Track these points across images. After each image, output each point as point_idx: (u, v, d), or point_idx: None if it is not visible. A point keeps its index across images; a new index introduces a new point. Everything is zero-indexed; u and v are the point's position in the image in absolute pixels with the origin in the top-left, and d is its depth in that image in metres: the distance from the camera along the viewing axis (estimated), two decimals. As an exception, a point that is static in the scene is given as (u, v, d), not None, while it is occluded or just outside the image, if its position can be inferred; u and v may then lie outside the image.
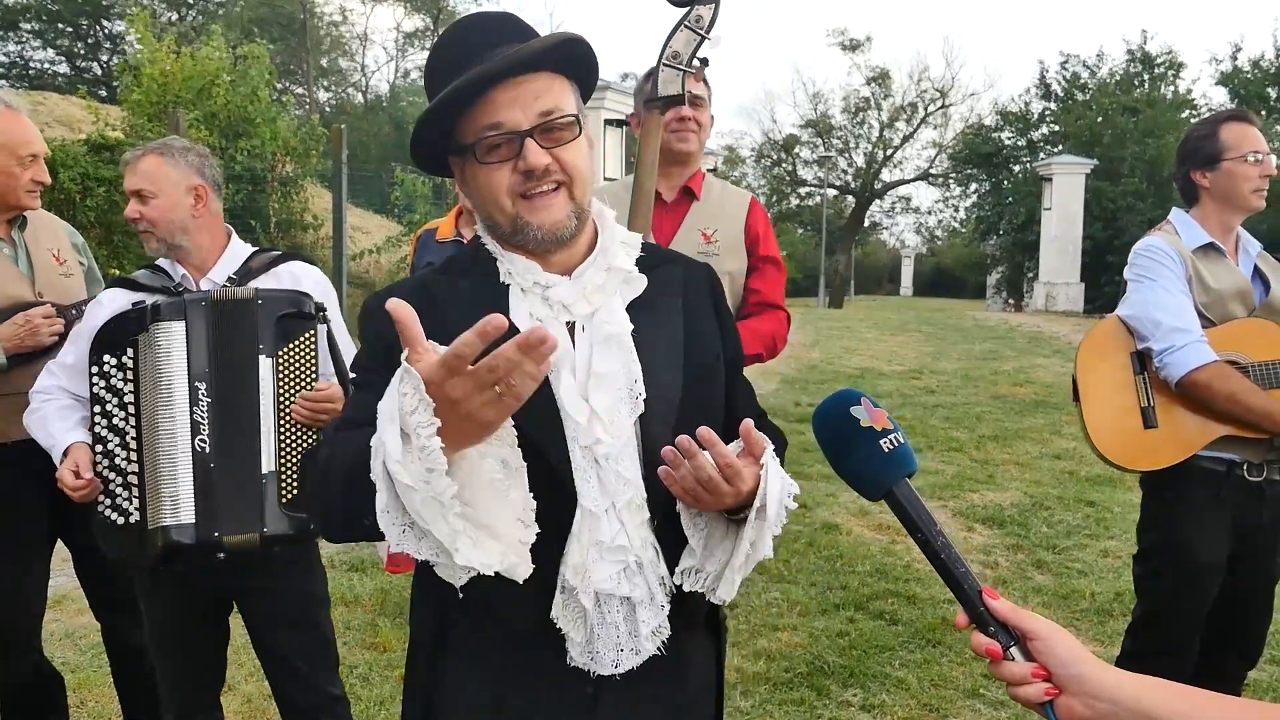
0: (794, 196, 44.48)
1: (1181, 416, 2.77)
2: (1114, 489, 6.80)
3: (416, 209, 14.04)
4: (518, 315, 1.43)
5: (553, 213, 1.43)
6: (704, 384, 1.52)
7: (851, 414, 1.18)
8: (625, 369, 1.43)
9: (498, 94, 1.39)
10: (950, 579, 1.15)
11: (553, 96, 1.42)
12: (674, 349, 1.49)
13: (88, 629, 4.23)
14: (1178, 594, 2.88)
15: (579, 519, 1.38)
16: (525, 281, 1.46)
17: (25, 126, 2.80)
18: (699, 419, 1.44)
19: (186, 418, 2.37)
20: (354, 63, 44.59)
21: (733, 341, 1.63)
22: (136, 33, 12.47)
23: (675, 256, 1.65)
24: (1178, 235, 2.90)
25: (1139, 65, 28.50)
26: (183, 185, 2.52)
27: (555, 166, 1.41)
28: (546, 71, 1.43)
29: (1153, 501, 2.97)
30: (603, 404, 1.40)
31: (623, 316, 1.46)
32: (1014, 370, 12.48)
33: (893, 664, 4.08)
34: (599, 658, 1.40)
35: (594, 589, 1.37)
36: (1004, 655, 1.10)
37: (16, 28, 34.20)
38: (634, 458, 1.41)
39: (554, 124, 1.41)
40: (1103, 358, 2.90)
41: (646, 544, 1.41)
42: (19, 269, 2.85)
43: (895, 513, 1.17)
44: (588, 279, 1.47)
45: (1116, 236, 22.46)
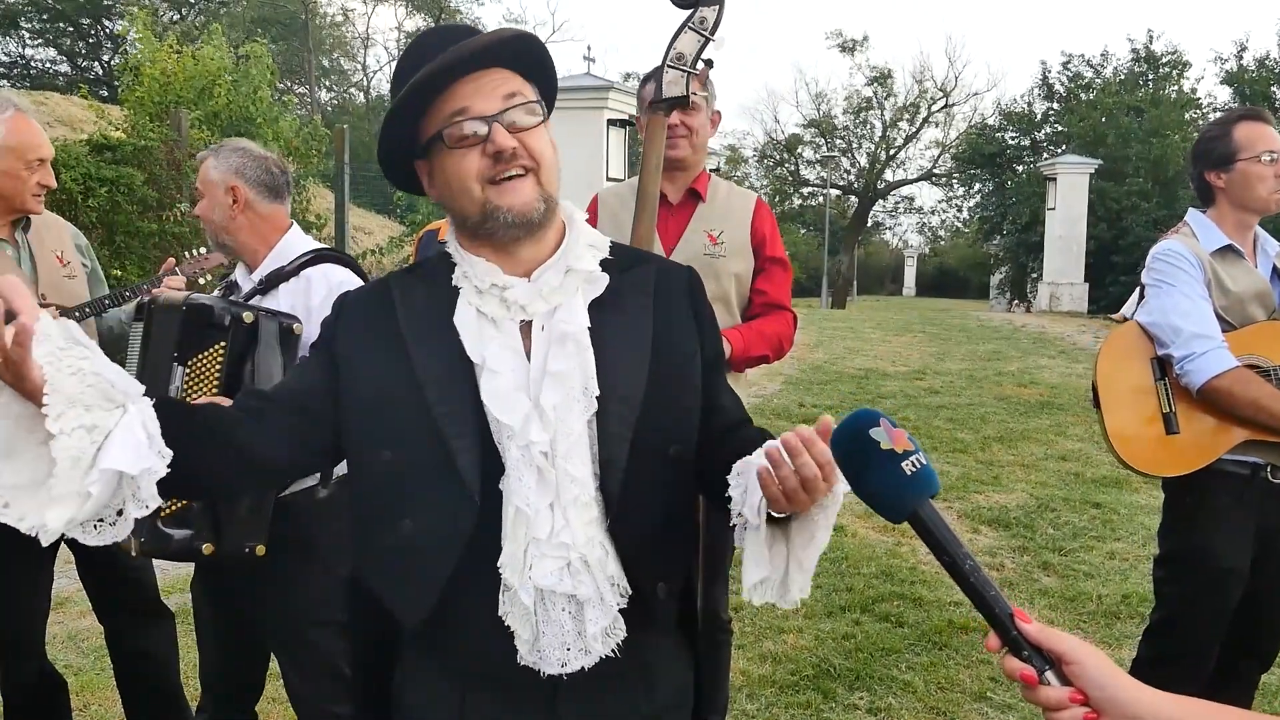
0: (797, 196, 44.43)
1: (1204, 422, 2.74)
2: (1120, 490, 6.77)
3: (419, 209, 14.03)
4: (463, 315, 1.45)
5: (521, 194, 1.44)
6: (673, 384, 1.51)
7: (871, 436, 1.14)
8: (580, 368, 1.43)
9: (461, 85, 1.44)
10: (980, 602, 1.11)
11: (516, 84, 1.47)
12: (638, 348, 1.49)
13: (90, 631, 4.22)
14: (1198, 599, 2.83)
15: (510, 516, 1.39)
16: (482, 283, 1.46)
17: (34, 130, 2.84)
18: (665, 419, 1.48)
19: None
20: (355, 63, 44.66)
21: (712, 342, 1.61)
22: (136, 32, 12.46)
23: (648, 258, 1.66)
24: (1195, 238, 2.87)
25: (1143, 65, 28.49)
26: (222, 186, 2.60)
27: (522, 151, 1.43)
28: (505, 69, 1.47)
29: (1174, 505, 2.93)
30: (551, 402, 1.40)
31: (582, 315, 1.46)
32: (1018, 371, 12.45)
33: (899, 667, 4.05)
34: (545, 656, 1.40)
35: (534, 585, 1.38)
36: (1039, 680, 1.08)
37: (17, 27, 34.22)
38: (585, 456, 1.41)
39: (520, 109, 1.45)
40: (1122, 364, 2.87)
41: (594, 542, 1.40)
42: (22, 270, 2.87)
43: (920, 535, 1.14)
44: (545, 280, 1.48)
45: (1121, 237, 22.43)
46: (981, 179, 32.83)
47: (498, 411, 1.39)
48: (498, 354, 1.42)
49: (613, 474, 1.42)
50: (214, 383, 2.40)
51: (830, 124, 43.11)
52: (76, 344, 1.25)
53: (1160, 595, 2.98)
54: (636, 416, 1.44)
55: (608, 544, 1.42)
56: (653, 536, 1.46)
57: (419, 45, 1.51)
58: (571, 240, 1.53)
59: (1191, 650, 2.84)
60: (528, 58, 1.50)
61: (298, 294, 2.57)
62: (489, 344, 1.43)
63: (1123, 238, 22.36)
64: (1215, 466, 2.75)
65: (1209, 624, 2.82)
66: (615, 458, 1.42)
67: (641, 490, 1.43)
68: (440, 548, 1.40)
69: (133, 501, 1.27)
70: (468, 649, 1.45)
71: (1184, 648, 2.85)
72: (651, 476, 1.45)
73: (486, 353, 1.42)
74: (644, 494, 1.44)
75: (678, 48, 2.48)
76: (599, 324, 1.47)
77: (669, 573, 1.51)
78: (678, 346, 1.54)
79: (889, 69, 42.30)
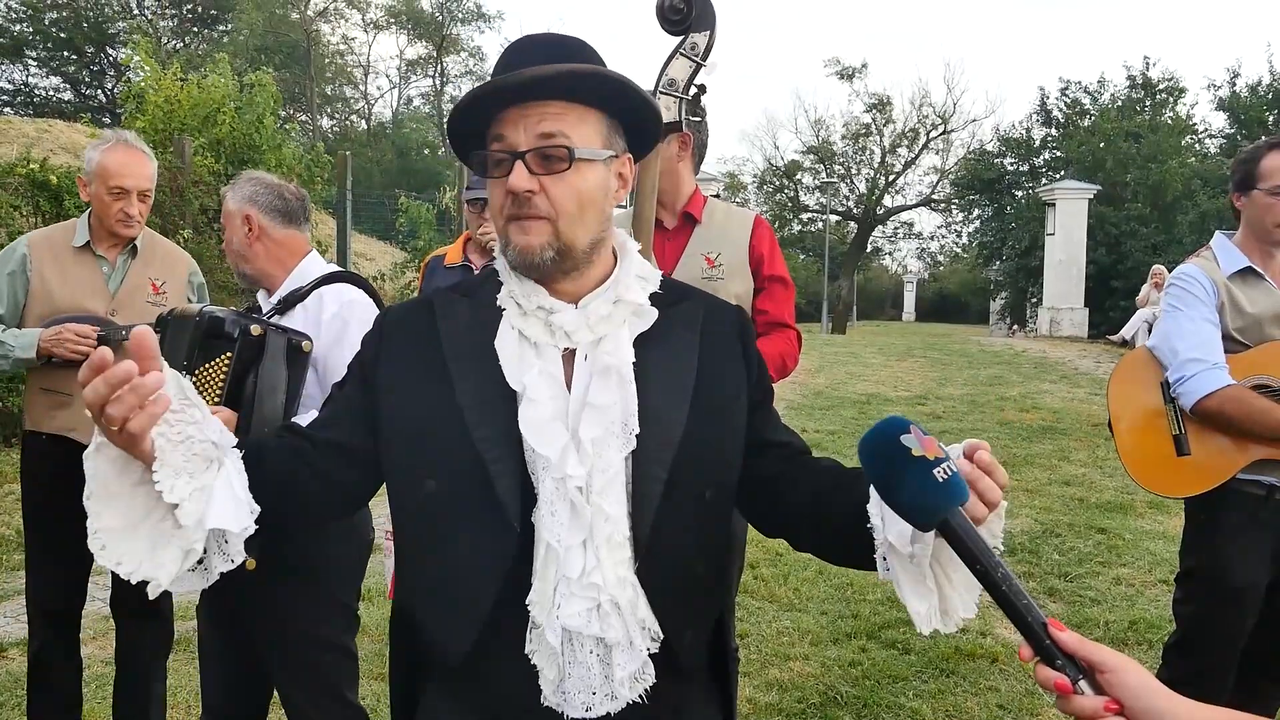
0: (796, 222, 44.55)
1: (1215, 442, 2.77)
2: (1125, 515, 6.75)
3: (420, 235, 14.06)
4: (504, 339, 1.42)
5: (529, 238, 1.38)
6: (714, 425, 1.46)
7: (902, 443, 1.14)
8: (621, 402, 1.38)
9: (512, 110, 1.38)
10: (1013, 611, 1.10)
11: (561, 124, 1.38)
12: (681, 386, 1.44)
13: (92, 659, 4.19)
14: (1212, 618, 2.85)
15: (541, 553, 1.34)
16: (529, 304, 1.43)
17: (120, 162, 3.12)
18: (703, 460, 1.43)
19: None
20: (358, 90, 44.91)
21: (761, 381, 1.56)
22: (140, 59, 12.54)
23: (697, 294, 1.60)
24: (1215, 261, 2.89)
25: (1140, 91, 28.63)
26: (238, 215, 2.67)
27: (541, 197, 1.37)
28: (567, 100, 1.39)
29: (1192, 525, 2.96)
30: (590, 435, 1.36)
31: (627, 348, 1.42)
32: (1020, 396, 12.43)
33: (906, 694, 4.02)
34: (569, 699, 1.35)
35: (561, 625, 1.33)
36: (1073, 689, 1.06)
37: (22, 55, 34.45)
38: (620, 494, 1.36)
39: (547, 150, 1.37)
40: (1133, 387, 2.91)
41: (625, 583, 1.34)
42: (107, 287, 3.19)
43: (951, 544, 1.13)
44: (593, 309, 1.43)
45: (1120, 261, 22.47)
46: (981, 204, 32.90)
47: (534, 442, 1.34)
48: (537, 381, 1.38)
49: (644, 514, 1.37)
50: (216, 392, 2.43)
51: (829, 150, 43.31)
52: (189, 405, 1.26)
53: (1177, 615, 3.00)
54: (673, 456, 1.39)
55: (638, 585, 1.36)
56: (682, 580, 1.41)
57: (507, 53, 1.45)
58: (622, 271, 1.48)
59: (1209, 670, 2.84)
60: (603, 94, 1.42)
61: (310, 311, 2.62)
62: (529, 370, 1.39)
63: (1122, 262, 22.41)
64: (1230, 486, 2.77)
65: (1225, 643, 2.83)
66: (648, 497, 1.37)
67: (673, 532, 1.38)
68: (483, 579, 1.36)
69: (219, 554, 1.29)
70: (493, 686, 1.41)
71: (1201, 667, 2.85)
72: (684, 519, 1.40)
73: (526, 380, 1.38)
74: (675, 536, 1.39)
75: (669, 74, 2.49)
76: (643, 359, 1.43)
77: (698, 617, 1.46)
78: (722, 387, 1.49)
79: (887, 96, 42.72)
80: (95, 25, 34.69)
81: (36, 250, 3.15)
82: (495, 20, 47.10)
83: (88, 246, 3.18)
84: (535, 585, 1.34)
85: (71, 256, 3.17)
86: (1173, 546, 5.95)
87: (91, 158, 3.15)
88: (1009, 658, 4.31)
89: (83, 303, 3.11)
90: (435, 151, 41.90)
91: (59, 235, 3.23)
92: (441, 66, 43.23)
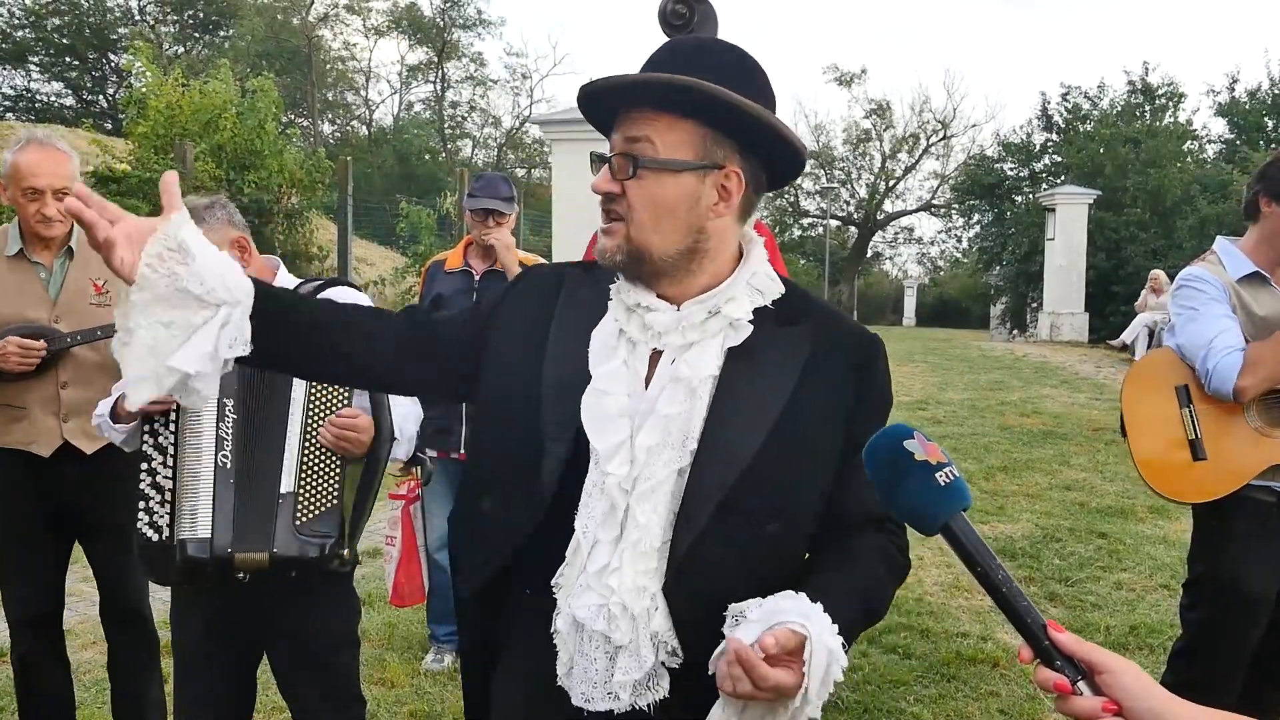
0: (797, 227, 44.54)
1: (1230, 448, 2.77)
2: (1126, 520, 6.75)
3: (421, 240, 14.07)
4: (603, 328, 1.46)
5: (606, 239, 1.44)
6: (797, 456, 1.41)
7: (905, 448, 1.15)
8: (687, 415, 1.38)
9: (619, 113, 1.43)
10: (1013, 613, 1.11)
11: (652, 129, 1.40)
12: (764, 410, 1.40)
13: (91, 664, 4.19)
14: (1221, 625, 2.85)
15: (574, 540, 1.38)
16: (629, 300, 1.45)
17: (31, 162, 2.99)
18: (772, 491, 1.39)
19: (212, 432, 2.39)
20: (359, 96, 44.97)
21: (870, 422, 1.38)
22: (141, 65, 12.56)
23: (829, 316, 1.54)
24: (1221, 265, 2.88)
25: (1140, 96, 28.63)
26: (226, 244, 2.51)
27: (619, 200, 1.41)
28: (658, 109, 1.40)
29: (1201, 532, 2.96)
30: (646, 442, 1.36)
31: (711, 362, 1.41)
32: (1021, 401, 12.43)
33: (907, 699, 4.02)
34: (572, 686, 1.39)
35: (572, 613, 1.36)
36: (1072, 690, 1.07)
37: (25, 61, 34.51)
38: (662, 504, 1.35)
39: (628, 154, 1.40)
40: (1147, 392, 2.90)
41: (643, 593, 1.34)
42: (47, 293, 3.07)
43: (953, 547, 1.15)
44: (690, 313, 1.43)
45: (1120, 266, 22.46)
46: (981, 209, 32.89)
47: (592, 433, 1.38)
48: (616, 374, 1.40)
49: (685, 533, 1.35)
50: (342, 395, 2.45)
51: (829, 155, 43.32)
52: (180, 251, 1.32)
53: (1184, 621, 3.00)
54: (732, 482, 1.36)
55: (660, 600, 1.35)
56: (717, 607, 1.33)
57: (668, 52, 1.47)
58: (735, 278, 1.46)
59: (1215, 677, 2.84)
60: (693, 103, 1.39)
61: None
62: (611, 361, 1.41)
63: (1122, 267, 22.40)
64: (1241, 493, 2.76)
65: (1232, 651, 2.83)
66: (694, 517, 1.35)
67: (716, 557, 1.36)
68: (504, 536, 1.43)
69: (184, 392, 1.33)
70: (528, 656, 1.46)
71: (1208, 674, 2.85)
72: (735, 547, 1.37)
73: (605, 370, 1.40)
74: (717, 561, 1.36)
75: None
76: (730, 374, 1.41)
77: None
78: (816, 418, 1.43)
79: (887, 101, 42.66)
80: (97, 31, 34.76)
81: None
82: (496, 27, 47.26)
83: (21, 254, 3.07)
84: (563, 569, 1.39)
85: (6, 266, 3.06)
86: (1173, 551, 5.95)
87: (4, 159, 3.05)
88: (1010, 662, 4.30)
89: (23, 312, 3.02)
90: (436, 157, 41.95)
91: None
92: (442, 72, 43.28)
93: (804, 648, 1.23)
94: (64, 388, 3.04)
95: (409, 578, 3.31)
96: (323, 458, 2.41)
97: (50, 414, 3.03)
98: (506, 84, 43.31)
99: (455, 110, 44.47)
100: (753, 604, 1.30)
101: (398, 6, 41.30)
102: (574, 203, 10.58)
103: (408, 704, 3.94)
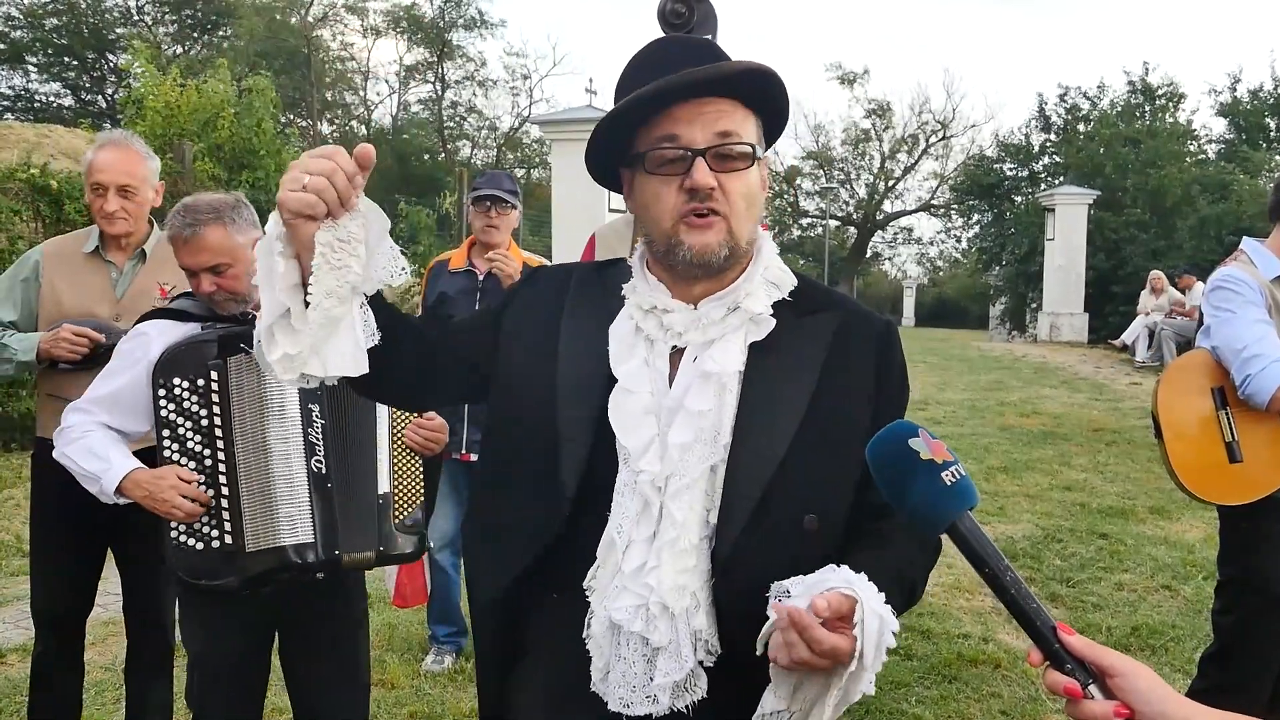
0: (796, 228, 44.55)
1: (1268, 450, 2.77)
2: (1126, 521, 6.74)
3: (420, 240, 14.06)
4: (620, 326, 1.44)
5: (706, 236, 1.39)
6: (826, 448, 1.40)
7: (910, 447, 1.13)
8: (718, 411, 1.36)
9: (680, 110, 1.38)
10: (1022, 616, 1.09)
11: (733, 122, 1.40)
12: (792, 403, 1.39)
13: (92, 665, 4.17)
14: (1255, 629, 2.84)
15: (605, 541, 1.36)
16: (645, 301, 1.44)
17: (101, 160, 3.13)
18: (806, 484, 1.38)
19: (300, 439, 2.38)
20: (357, 96, 44.91)
21: (893, 405, 1.46)
22: (139, 65, 12.52)
23: (840, 302, 1.54)
24: (1253, 265, 2.88)
25: (1140, 96, 28.60)
26: (250, 245, 2.47)
27: (719, 194, 1.38)
28: (732, 99, 1.40)
29: (1231, 533, 2.95)
30: (678, 440, 1.35)
31: (736, 356, 1.40)
32: (1020, 401, 12.42)
33: (909, 700, 4.01)
34: (609, 691, 1.35)
35: (609, 616, 1.33)
36: (1083, 694, 1.05)
37: (23, 61, 34.46)
38: (696, 501, 1.34)
39: (728, 149, 1.39)
40: (1183, 394, 2.89)
41: (683, 591, 1.32)
42: (114, 291, 3.20)
43: (960, 548, 1.12)
44: (707, 311, 1.42)
45: (1120, 267, 22.44)
46: (980, 210, 32.89)
47: (620, 431, 1.36)
48: (639, 373, 1.39)
49: (728, 531, 1.34)
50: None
51: (829, 156, 43.33)
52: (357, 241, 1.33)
53: (1217, 626, 2.99)
54: (770, 476, 1.35)
55: (703, 597, 1.33)
56: (760, 604, 1.32)
57: (649, 55, 1.46)
58: (750, 273, 1.46)
59: (1247, 680, 2.84)
60: (760, 92, 1.43)
61: None
62: (633, 359, 1.40)
63: (1122, 268, 22.37)
64: (1274, 496, 2.77)
65: (1265, 654, 2.82)
66: (735, 515, 1.34)
67: (761, 554, 1.34)
68: (525, 541, 1.39)
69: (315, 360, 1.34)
70: (553, 661, 1.42)
71: (1240, 678, 2.85)
72: (775, 542, 1.36)
73: (628, 369, 1.39)
74: (762, 558, 1.34)
75: None
76: (756, 368, 1.40)
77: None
78: (843, 408, 1.42)
79: (887, 101, 42.61)
80: (95, 31, 34.68)
81: (49, 258, 3.20)
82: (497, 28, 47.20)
83: (97, 253, 3.21)
84: (596, 571, 1.36)
85: (82, 263, 3.20)
86: (1175, 552, 5.95)
87: (85, 158, 3.21)
88: (1012, 664, 4.29)
89: (90, 308, 3.13)
90: (435, 157, 41.90)
91: (72, 243, 3.27)
92: (441, 72, 43.23)
93: (855, 611, 1.21)
94: None
95: (411, 578, 3.30)
96: (407, 458, 2.52)
97: None
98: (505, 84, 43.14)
99: (455, 110, 44.45)
100: (795, 581, 1.28)
101: (397, 6, 41.29)
102: (573, 203, 10.56)
103: (408, 705, 3.93)
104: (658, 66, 1.40)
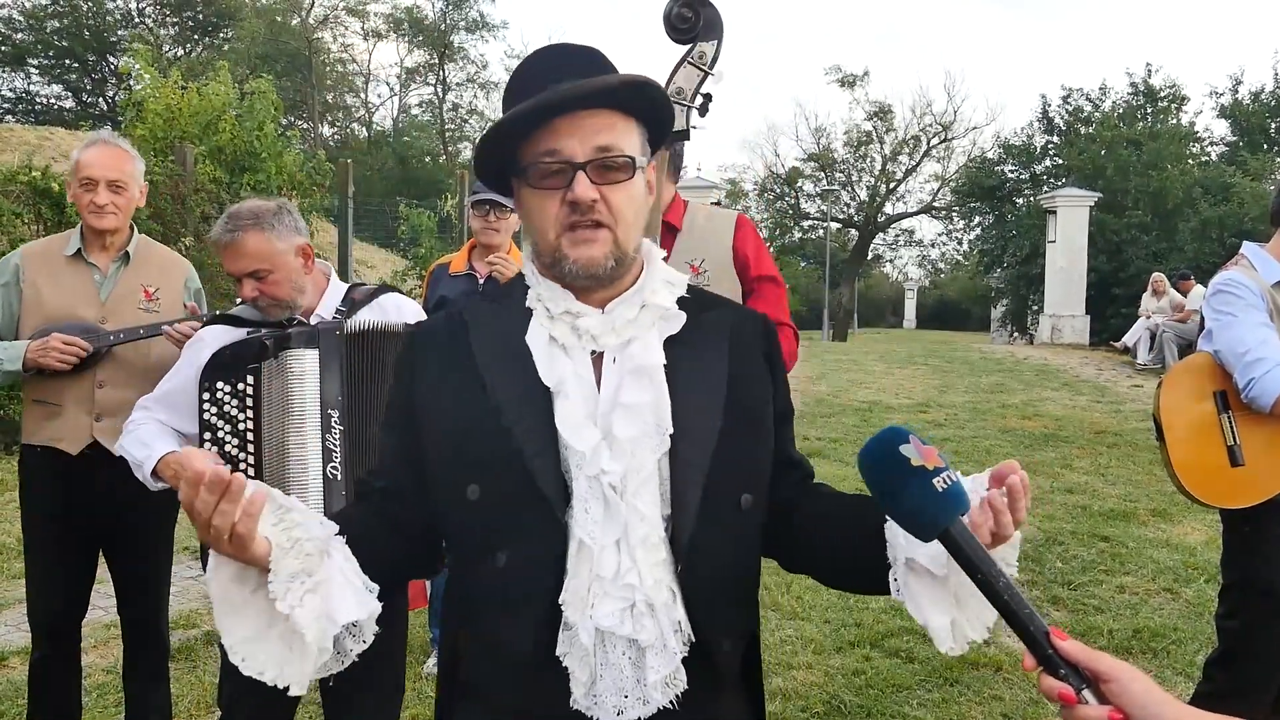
0: (797, 230, 44.54)
1: (1269, 453, 2.77)
2: (1128, 524, 6.73)
3: (421, 243, 14.06)
4: (536, 341, 1.43)
5: (591, 250, 1.40)
6: (748, 431, 1.46)
7: (901, 453, 1.13)
8: (654, 403, 1.39)
9: (560, 123, 1.39)
10: (1015, 621, 1.09)
11: (613, 134, 1.41)
12: (712, 390, 1.45)
13: (91, 668, 4.17)
14: (1260, 632, 2.84)
15: (573, 551, 1.33)
16: (555, 308, 1.44)
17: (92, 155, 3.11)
18: (738, 466, 1.43)
19: (318, 444, 2.37)
20: (358, 98, 44.96)
21: (784, 393, 1.57)
22: (140, 68, 12.54)
23: (725, 303, 1.62)
24: (1254, 269, 2.88)
25: (1142, 98, 28.62)
26: (292, 252, 2.52)
27: (602, 206, 1.39)
28: (613, 110, 1.42)
29: (1233, 537, 2.95)
30: (626, 434, 1.36)
31: (657, 350, 1.43)
32: (1022, 403, 12.41)
33: (910, 703, 4.00)
34: (600, 702, 1.33)
35: (595, 625, 1.31)
36: (1077, 699, 1.05)
37: (24, 64, 34.52)
38: (654, 494, 1.36)
39: (608, 161, 1.40)
40: (1185, 398, 2.89)
41: (661, 585, 1.34)
42: (98, 295, 3.16)
43: (952, 553, 1.12)
44: (618, 313, 1.44)
45: (1121, 269, 22.45)
46: (981, 212, 32.91)
47: (569, 437, 1.35)
48: (570, 379, 1.39)
49: (685, 518, 1.36)
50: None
51: (830, 158, 43.29)
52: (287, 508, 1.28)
53: (1221, 630, 2.98)
54: (710, 461, 1.39)
55: (676, 589, 1.35)
56: (721, 587, 1.40)
57: (533, 65, 1.47)
58: (649, 276, 1.50)
59: (1253, 684, 2.84)
60: (641, 102, 1.45)
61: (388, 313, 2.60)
62: (561, 367, 1.40)
63: (1123, 270, 22.38)
64: (1276, 498, 2.77)
65: (1270, 658, 2.82)
66: (688, 501, 1.36)
67: (713, 538, 1.38)
68: (540, 575, 1.34)
69: (351, 638, 1.31)
70: (520, 686, 1.38)
71: (1245, 681, 2.85)
72: (722, 525, 1.40)
73: (559, 375, 1.39)
74: (715, 542, 1.38)
75: (676, 82, 2.49)
76: (673, 361, 1.43)
77: (735, 626, 1.45)
78: (752, 393, 1.49)
79: (888, 103, 42.67)
80: (96, 33, 34.73)
81: (29, 261, 3.15)
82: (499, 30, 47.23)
83: (79, 255, 3.18)
84: (568, 584, 1.33)
85: (64, 265, 3.16)
86: (1176, 555, 5.94)
87: (72, 158, 3.18)
88: (1013, 667, 4.29)
89: (74, 310, 3.10)
90: (436, 159, 41.92)
91: (53, 245, 3.24)
92: (442, 74, 43.27)
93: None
94: (100, 387, 3.08)
95: (412, 582, 3.30)
96: None
97: (83, 412, 3.07)
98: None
99: (456, 112, 44.50)
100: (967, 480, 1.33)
101: (398, 8, 41.34)
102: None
103: (409, 708, 3.92)
104: (540, 77, 1.41)
